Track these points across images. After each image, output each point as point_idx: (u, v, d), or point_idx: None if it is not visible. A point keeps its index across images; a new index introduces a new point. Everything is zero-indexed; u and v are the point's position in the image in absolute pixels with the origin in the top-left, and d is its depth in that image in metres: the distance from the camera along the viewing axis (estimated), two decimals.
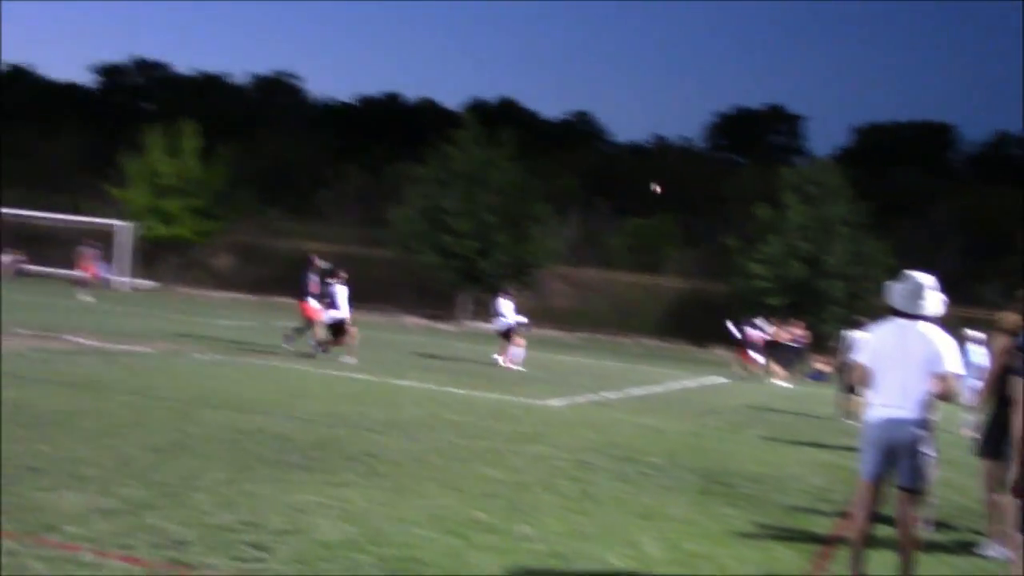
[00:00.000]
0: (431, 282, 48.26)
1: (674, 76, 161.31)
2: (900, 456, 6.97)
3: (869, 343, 7.22)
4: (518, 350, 24.64)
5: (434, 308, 47.10)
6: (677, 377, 27.32)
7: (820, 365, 35.58)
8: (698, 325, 48.10)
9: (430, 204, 46.97)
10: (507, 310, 25.28)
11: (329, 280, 22.27)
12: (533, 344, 28.31)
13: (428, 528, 7.28)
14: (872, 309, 38.08)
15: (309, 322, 22.35)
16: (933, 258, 55.17)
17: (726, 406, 20.30)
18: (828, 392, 24.73)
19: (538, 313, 31.11)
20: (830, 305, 44.88)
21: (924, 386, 6.92)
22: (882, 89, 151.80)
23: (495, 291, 46.74)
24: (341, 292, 22.23)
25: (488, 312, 48.22)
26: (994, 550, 8.70)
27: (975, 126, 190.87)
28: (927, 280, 7.21)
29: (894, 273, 30.59)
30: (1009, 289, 49.70)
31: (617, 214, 61.98)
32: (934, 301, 7.14)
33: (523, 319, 25.88)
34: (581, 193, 63.48)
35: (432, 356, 25.17)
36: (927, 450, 6.99)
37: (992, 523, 8.90)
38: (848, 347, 20.29)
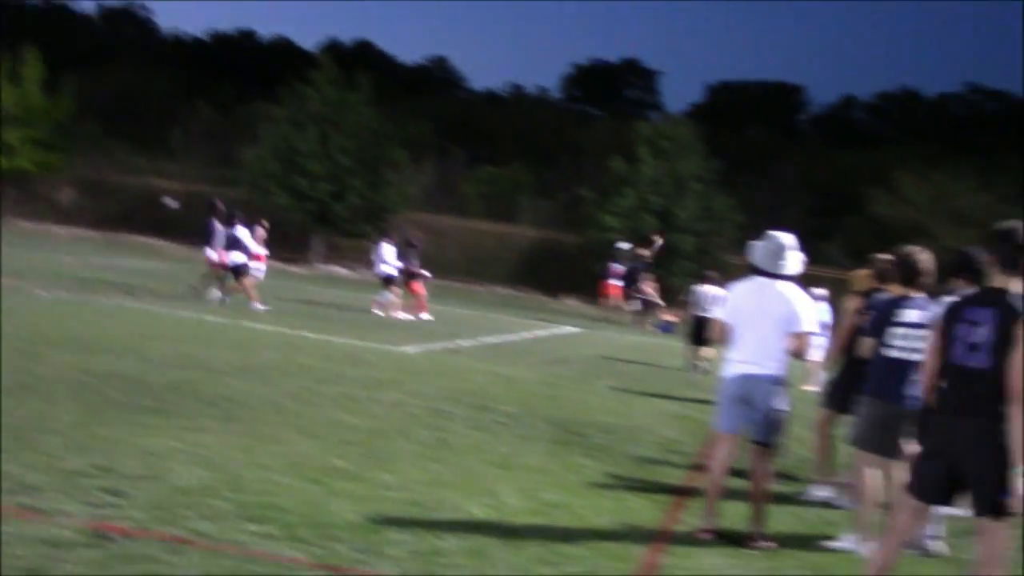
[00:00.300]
0: (283, 224, 47.45)
1: (533, 25, 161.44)
2: (755, 411, 7.17)
3: (729, 300, 7.39)
4: (394, 299, 24.07)
5: (286, 251, 46.46)
6: (530, 327, 27.53)
7: (668, 317, 36.28)
8: (551, 275, 48.51)
9: (283, 145, 46.14)
10: (389, 256, 24.65)
11: (233, 223, 21.69)
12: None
13: (286, 475, 7.22)
14: (720, 264, 39.00)
15: (216, 270, 21.87)
16: (779, 216, 56.56)
17: (578, 356, 20.54)
18: (676, 344, 25.23)
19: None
20: (679, 259, 45.66)
21: (781, 344, 7.14)
22: (736, 48, 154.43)
23: (352, 235, 46.65)
24: (244, 234, 21.73)
25: (342, 257, 48.10)
26: (820, 491, 9.06)
27: (824, 89, 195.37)
28: (788, 240, 7.40)
29: (743, 229, 31.52)
30: (852, 249, 51.50)
31: (472, 162, 61.90)
32: (794, 260, 7.35)
33: (425, 272, 25.46)
34: (436, 140, 63.19)
35: (285, 299, 24.83)
36: (781, 406, 7.21)
37: (819, 469, 9.25)
38: (697, 301, 20.73)
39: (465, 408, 11.42)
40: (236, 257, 21.35)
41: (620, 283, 34.47)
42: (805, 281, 9.13)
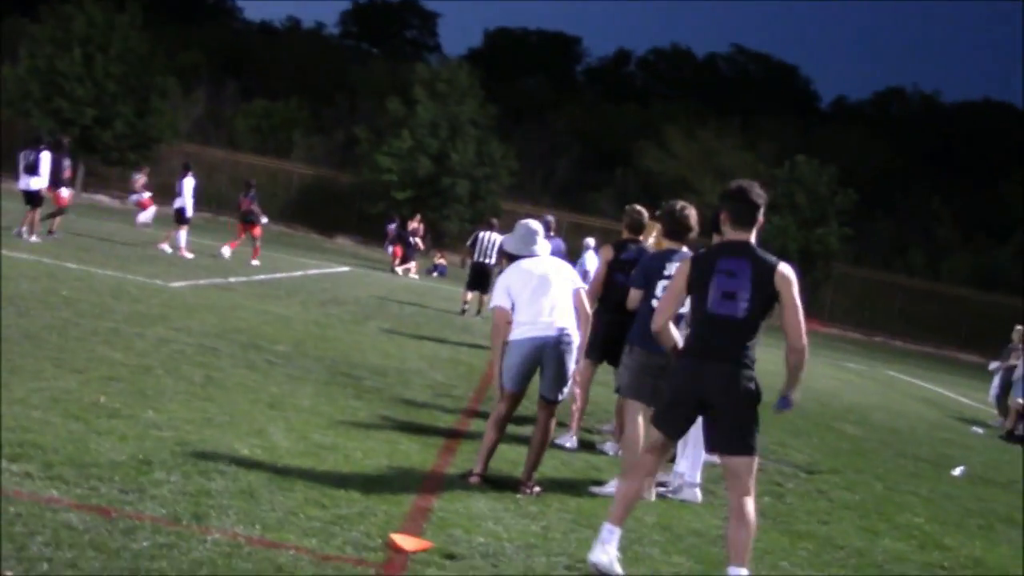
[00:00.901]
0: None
1: None
2: (547, 371, 7.37)
3: (504, 287, 7.53)
4: (182, 235, 23.00)
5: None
6: (302, 265, 27.21)
7: (440, 260, 36.50)
8: (324, 213, 48.03)
9: (45, 65, 43.88)
10: (188, 189, 23.04)
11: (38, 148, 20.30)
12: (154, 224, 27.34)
13: (47, 411, 6.92)
14: (495, 209, 39.41)
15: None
16: (552, 165, 57.68)
17: (350, 296, 20.43)
18: (448, 287, 25.36)
19: (159, 190, 29.87)
20: (453, 203, 45.92)
21: (567, 304, 7.40)
22: None
23: (117, 163, 44.72)
24: (45, 159, 20.37)
25: (107, 185, 46.22)
26: (566, 441, 9.31)
27: (600, 42, 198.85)
28: (535, 226, 7.74)
29: (517, 176, 31.78)
30: (622, 200, 52.80)
31: (245, 95, 60.51)
32: (543, 245, 7.70)
33: (263, 217, 24.50)
34: (209, 70, 61.44)
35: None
36: (570, 365, 7.42)
37: (573, 418, 9.49)
38: (479, 247, 20.86)
39: (235, 346, 11.20)
40: (35, 183, 20.14)
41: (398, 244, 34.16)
42: (576, 230, 9.38)
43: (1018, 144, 66.58)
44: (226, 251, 23.72)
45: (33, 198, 19.98)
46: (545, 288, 7.44)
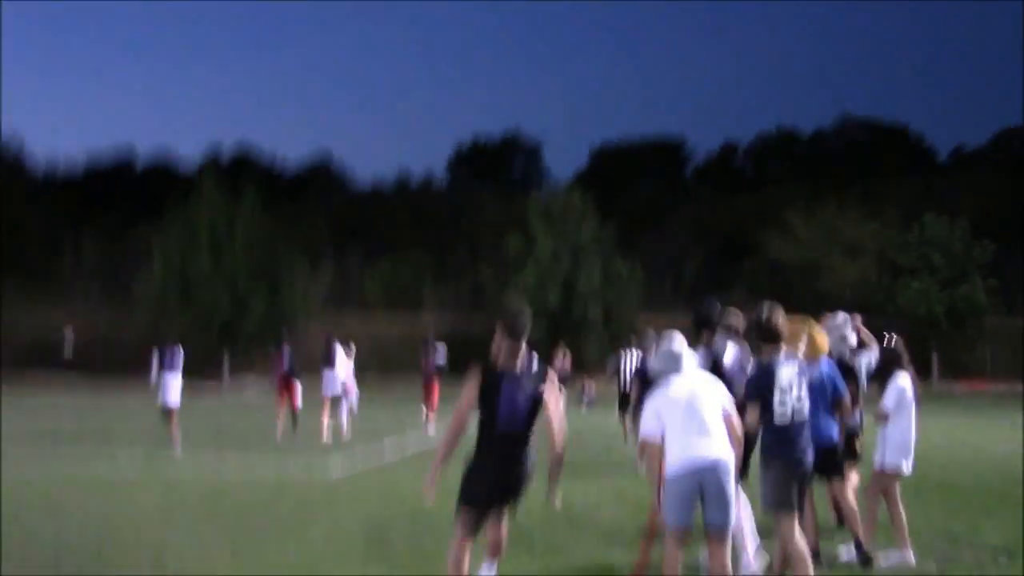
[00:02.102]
0: (189, 347, 46.73)
1: (412, 112, 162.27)
2: (707, 499, 7.12)
3: (653, 413, 7.36)
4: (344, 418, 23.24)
5: (196, 372, 45.69)
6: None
7: (586, 389, 36.40)
8: (464, 360, 48.27)
9: (178, 268, 45.60)
10: (341, 363, 23.45)
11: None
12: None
13: None
14: (631, 326, 39.14)
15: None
16: (679, 270, 57.48)
17: None
18: (599, 416, 25.05)
19: (304, 365, 30.44)
20: (588, 328, 45.94)
21: (718, 427, 7.19)
22: (613, 109, 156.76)
23: (261, 346, 45.71)
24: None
25: (249, 369, 47.31)
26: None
27: (704, 138, 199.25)
28: (678, 341, 7.52)
29: (646, 288, 31.07)
30: (755, 292, 52.23)
31: (370, 256, 61.86)
32: (690, 357, 7.48)
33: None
34: (331, 239, 63.08)
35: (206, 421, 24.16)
36: (729, 490, 7.18)
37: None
38: (619, 367, 20.52)
39: (405, 524, 11.16)
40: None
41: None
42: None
43: None
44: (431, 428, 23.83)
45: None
46: (695, 411, 7.22)
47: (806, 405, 7.85)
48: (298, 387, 23.63)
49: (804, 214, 53.93)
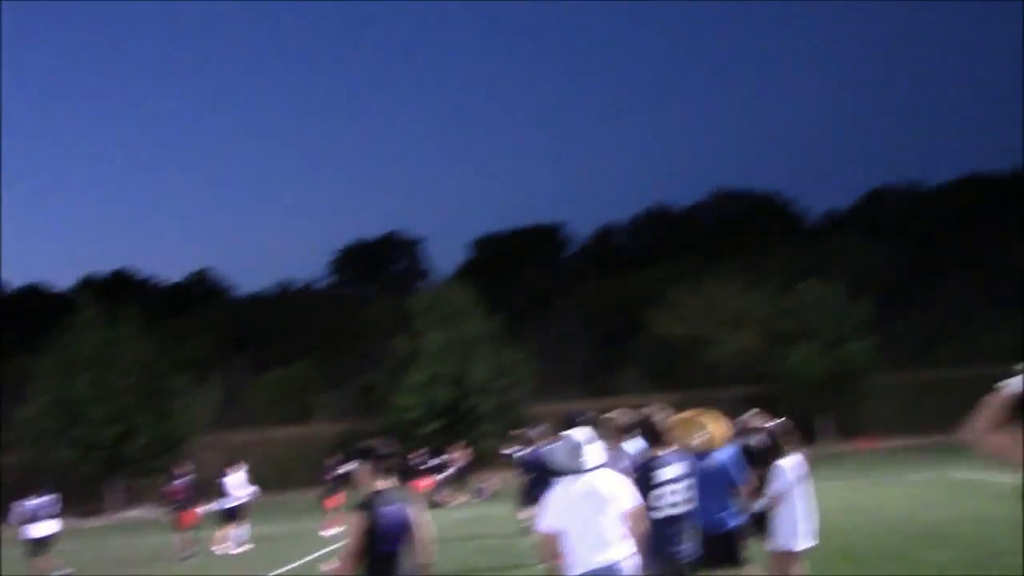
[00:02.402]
0: (72, 478, 45.34)
1: (289, 219, 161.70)
2: None
3: (553, 510, 7.20)
4: (240, 532, 23.18)
5: (80, 504, 44.26)
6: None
7: (483, 483, 36.21)
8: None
9: (58, 396, 44.23)
10: (235, 485, 23.66)
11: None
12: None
13: None
14: (525, 419, 39.11)
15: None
16: (569, 355, 57.67)
17: None
18: (499, 510, 24.85)
19: (201, 485, 29.76)
20: (482, 423, 45.73)
21: (616, 529, 7.04)
22: (489, 200, 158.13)
23: (149, 472, 44.48)
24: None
25: (138, 498, 45.97)
26: None
27: (582, 221, 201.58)
28: (582, 434, 7.36)
29: (539, 377, 31.23)
30: (646, 372, 52.54)
31: (257, 368, 60.92)
32: (593, 451, 7.29)
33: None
34: (217, 353, 62.05)
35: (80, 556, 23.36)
36: None
37: None
38: (517, 461, 20.47)
39: None
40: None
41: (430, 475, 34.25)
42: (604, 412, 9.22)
43: (1008, 209, 66.91)
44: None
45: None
46: (594, 514, 7.03)
47: (688, 499, 7.98)
48: (199, 513, 23.54)
49: (687, 290, 54.63)
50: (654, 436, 8.10)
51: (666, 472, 7.83)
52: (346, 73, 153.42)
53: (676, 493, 7.87)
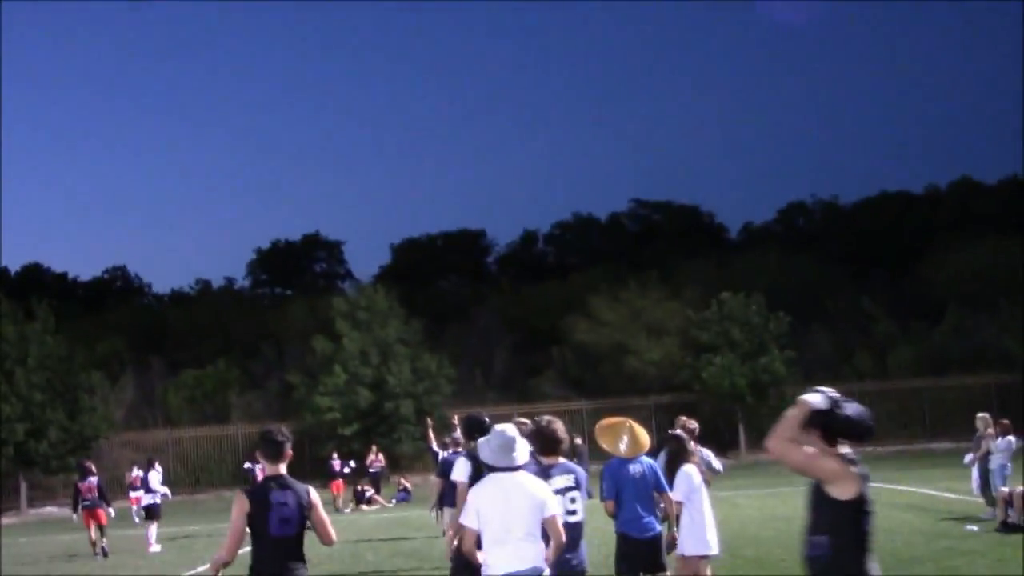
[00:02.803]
0: None
1: (211, 218, 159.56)
2: None
3: (473, 505, 7.19)
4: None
5: None
6: None
7: (404, 484, 36.40)
8: None
9: None
10: (155, 482, 23.65)
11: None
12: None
13: None
14: (442, 423, 39.12)
15: None
16: (488, 361, 57.68)
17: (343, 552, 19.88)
18: (418, 512, 24.84)
19: (112, 485, 29.44)
20: (401, 425, 45.64)
21: (537, 533, 7.04)
22: (411, 203, 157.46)
23: (59, 471, 43.74)
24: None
25: (50, 496, 45.21)
26: None
27: (504, 228, 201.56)
28: (513, 431, 7.37)
29: (454, 382, 31.47)
30: (565, 379, 52.78)
31: (172, 368, 60.06)
32: (523, 450, 7.32)
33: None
34: (131, 353, 61.06)
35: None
36: None
37: None
38: (442, 464, 20.43)
39: None
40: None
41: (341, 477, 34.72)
42: (527, 418, 9.27)
43: (921, 226, 68.88)
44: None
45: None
46: (511, 517, 7.01)
47: (578, 509, 8.04)
48: (107, 512, 23.29)
49: (607, 298, 54.92)
50: (546, 446, 8.06)
51: (556, 482, 7.81)
52: (268, 72, 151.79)
53: (569, 503, 7.90)
